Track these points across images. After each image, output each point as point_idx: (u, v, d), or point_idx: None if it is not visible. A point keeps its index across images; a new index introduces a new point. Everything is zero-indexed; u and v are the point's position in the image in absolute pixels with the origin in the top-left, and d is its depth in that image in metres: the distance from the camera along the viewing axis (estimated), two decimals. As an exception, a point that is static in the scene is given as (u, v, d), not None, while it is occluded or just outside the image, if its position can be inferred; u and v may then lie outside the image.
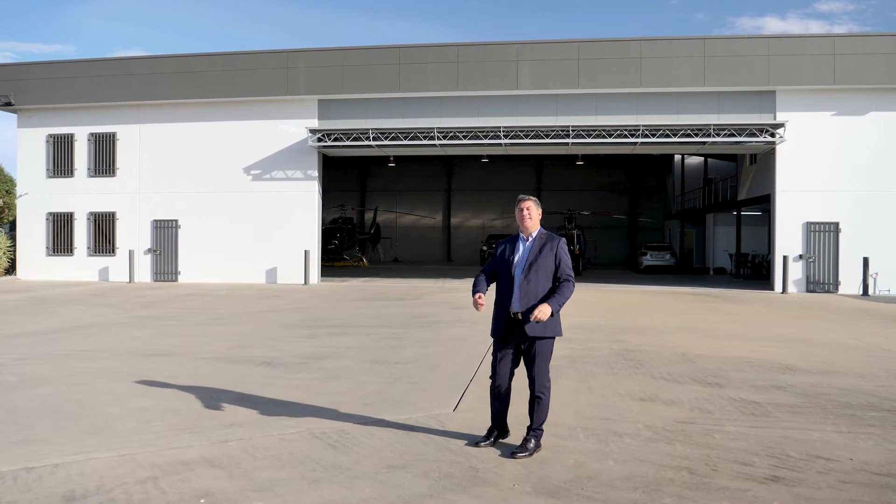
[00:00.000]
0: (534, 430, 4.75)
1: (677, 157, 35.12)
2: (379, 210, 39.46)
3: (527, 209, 4.84)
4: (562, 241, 4.83)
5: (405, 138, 20.30)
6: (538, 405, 4.73)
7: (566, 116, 20.11)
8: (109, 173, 22.54)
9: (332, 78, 20.86)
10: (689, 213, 33.19)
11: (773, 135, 19.17)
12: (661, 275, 27.72)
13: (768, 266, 22.51)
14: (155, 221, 22.24)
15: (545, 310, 4.57)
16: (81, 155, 22.65)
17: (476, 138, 20.19)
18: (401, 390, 6.66)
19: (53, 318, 12.36)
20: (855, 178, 19.34)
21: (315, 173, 21.45)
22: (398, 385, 6.89)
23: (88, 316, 12.80)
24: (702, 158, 32.27)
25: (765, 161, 21.58)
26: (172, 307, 14.45)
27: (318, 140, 20.71)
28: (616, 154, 27.20)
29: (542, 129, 19.89)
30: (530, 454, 4.63)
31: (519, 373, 4.87)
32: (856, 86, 19.16)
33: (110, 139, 22.49)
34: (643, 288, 20.53)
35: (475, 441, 4.90)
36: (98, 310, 13.87)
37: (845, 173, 19.39)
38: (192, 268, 21.96)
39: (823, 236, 19.48)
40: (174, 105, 22.01)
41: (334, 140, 20.64)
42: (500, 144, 20.28)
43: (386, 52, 20.77)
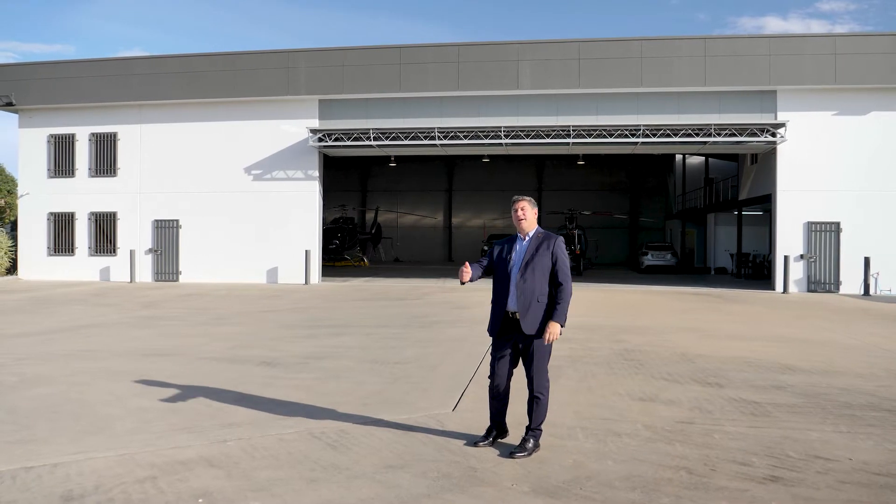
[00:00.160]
0: (532, 430, 4.75)
1: (678, 157, 35.11)
2: (380, 210, 39.49)
3: (521, 209, 4.84)
4: (559, 240, 4.82)
5: (406, 138, 20.31)
6: (537, 405, 4.73)
7: (567, 116, 20.10)
8: (110, 173, 22.56)
9: (333, 78, 20.88)
10: (690, 213, 33.17)
11: (774, 134, 19.15)
12: (662, 275, 27.70)
13: (769, 266, 22.49)
14: (156, 221, 22.26)
15: (554, 329, 4.64)
16: (82, 155, 22.67)
17: (477, 138, 20.18)
18: (400, 390, 6.66)
19: (54, 318, 12.38)
20: (856, 178, 19.32)
21: (316, 173, 21.46)
22: (398, 385, 6.89)
23: (89, 316, 12.81)
24: (703, 158, 32.24)
25: (766, 161, 21.56)
26: (173, 307, 14.46)
27: (319, 140, 20.72)
28: (617, 154, 27.19)
29: (543, 129, 19.88)
30: (529, 454, 4.63)
31: (518, 373, 4.87)
32: (857, 85, 19.14)
33: (111, 139, 22.52)
34: (644, 288, 20.52)
35: (474, 441, 4.91)
36: (99, 310, 13.89)
37: (846, 173, 19.37)
38: (193, 268, 21.98)
39: (824, 236, 19.46)
40: (175, 105, 22.03)
41: (335, 140, 20.66)
42: (501, 144, 20.28)
43: (386, 52, 20.78)
